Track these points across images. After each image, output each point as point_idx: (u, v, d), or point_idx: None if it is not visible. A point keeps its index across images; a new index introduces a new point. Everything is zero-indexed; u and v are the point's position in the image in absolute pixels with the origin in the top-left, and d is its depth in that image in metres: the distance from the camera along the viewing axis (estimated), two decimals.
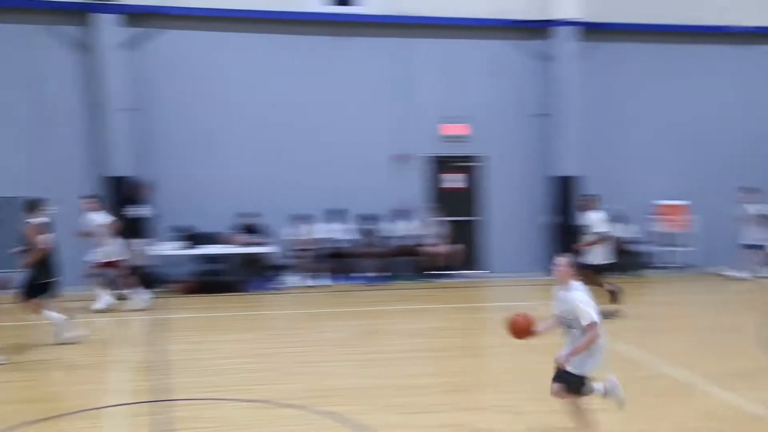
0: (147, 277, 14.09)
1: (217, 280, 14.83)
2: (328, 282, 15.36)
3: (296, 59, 15.79)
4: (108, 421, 7.61)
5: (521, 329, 6.63)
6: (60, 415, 7.71)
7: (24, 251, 10.55)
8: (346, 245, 15.68)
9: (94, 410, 7.88)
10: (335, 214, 15.65)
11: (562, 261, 6.51)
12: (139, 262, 13.83)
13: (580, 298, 6.32)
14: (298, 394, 8.35)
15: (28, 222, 10.46)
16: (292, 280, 15.23)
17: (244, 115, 15.61)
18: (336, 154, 15.95)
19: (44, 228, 10.45)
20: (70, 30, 14.65)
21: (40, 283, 10.47)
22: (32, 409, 7.96)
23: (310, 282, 15.24)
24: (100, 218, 12.91)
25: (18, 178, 14.50)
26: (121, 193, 14.16)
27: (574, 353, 6.33)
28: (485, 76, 16.67)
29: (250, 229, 15.02)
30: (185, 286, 14.57)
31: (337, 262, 15.68)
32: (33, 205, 10.42)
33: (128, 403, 8.08)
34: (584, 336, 6.27)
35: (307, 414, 7.79)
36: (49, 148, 14.71)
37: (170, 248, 14.47)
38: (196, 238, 14.62)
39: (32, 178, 14.55)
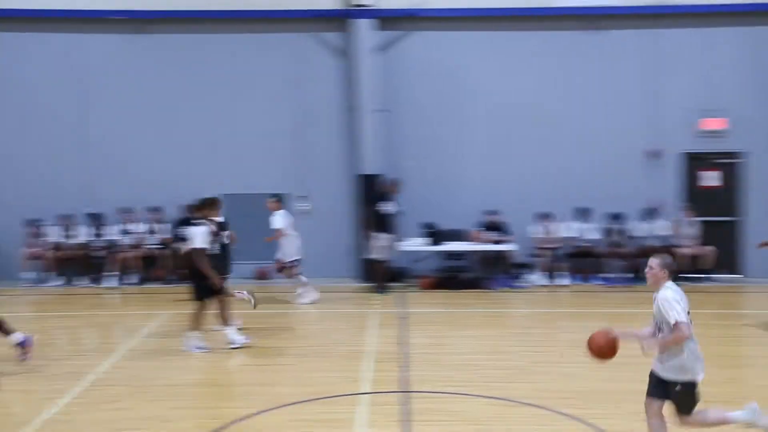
0: (391, 272, 14.69)
1: (459, 276, 15.09)
2: (567, 281, 15.08)
3: (538, 56, 15.65)
4: (353, 408, 8.06)
5: (603, 347, 6.31)
6: (311, 400, 8.30)
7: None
8: (590, 244, 15.30)
9: (341, 397, 8.39)
10: (580, 213, 15.32)
11: (654, 262, 6.38)
12: (384, 256, 14.44)
13: (665, 297, 6.17)
14: (537, 393, 8.32)
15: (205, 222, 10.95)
16: (533, 278, 15.14)
17: (489, 113, 15.74)
18: (583, 151, 15.61)
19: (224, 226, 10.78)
20: (331, 36, 15.59)
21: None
22: (286, 393, 8.62)
23: (550, 281, 15.07)
24: (281, 218, 13.42)
25: (279, 176, 15.72)
26: (372, 190, 14.84)
27: (657, 346, 6.14)
28: (745, 65, 15.49)
29: (493, 227, 15.12)
30: (428, 281, 14.98)
31: (579, 262, 15.36)
32: (205, 205, 10.51)
33: (371, 392, 8.51)
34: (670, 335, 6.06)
35: (547, 414, 7.75)
36: (308, 147, 15.76)
37: (414, 244, 14.95)
38: (440, 235, 14.97)
39: (292, 175, 15.72)
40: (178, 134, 15.60)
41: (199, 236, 10.05)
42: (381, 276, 14.47)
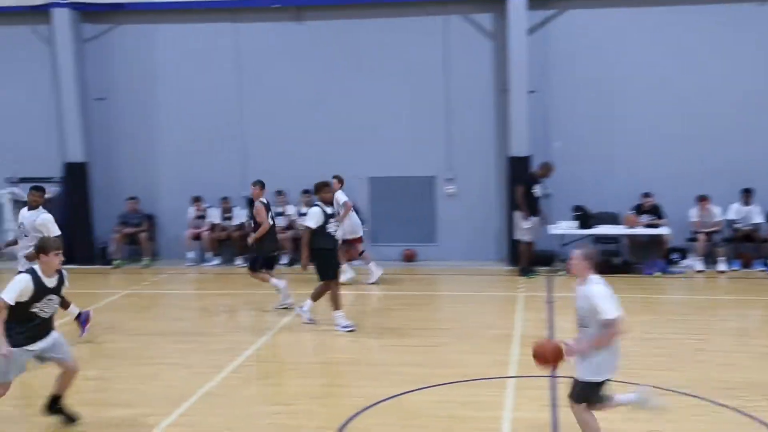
0: (538, 255, 14.44)
1: (611, 261, 14.62)
2: (725, 267, 14.25)
3: (692, 31, 14.81)
4: (501, 391, 8.01)
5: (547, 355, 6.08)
6: (458, 382, 8.30)
7: (253, 229, 11.87)
8: (752, 228, 14.41)
9: (489, 380, 8.35)
10: (742, 194, 14.44)
11: (575, 254, 6.14)
12: (531, 239, 14.22)
13: (596, 292, 5.87)
14: (695, 383, 7.97)
15: (257, 203, 11.74)
16: (689, 263, 14.45)
17: (642, 92, 15.09)
18: (745, 130, 14.71)
19: (268, 208, 11.73)
20: (482, 18, 15.43)
21: (265, 257, 11.81)
22: (432, 373, 8.67)
23: (708, 267, 14.31)
24: (342, 198, 13.38)
25: (427, 159, 15.77)
26: (521, 172, 14.63)
27: (589, 347, 5.85)
28: None
29: (648, 210, 14.53)
30: None
31: (739, 246, 14.50)
32: (319, 188, 10.79)
33: (519, 376, 8.41)
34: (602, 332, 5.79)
35: (706, 404, 7.42)
36: (457, 129, 15.69)
37: (564, 227, 14.61)
38: (590, 218, 14.55)
39: (440, 158, 15.73)
40: (330, 118, 15.92)
41: (312, 217, 10.42)
42: (526, 258, 14.26)
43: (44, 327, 6.88)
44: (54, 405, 7.23)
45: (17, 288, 6.61)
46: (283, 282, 11.87)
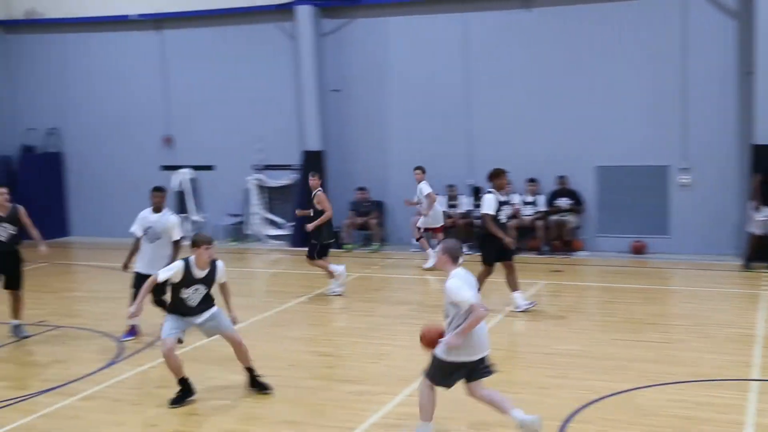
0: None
1: None
2: None
3: None
4: (743, 394, 7.52)
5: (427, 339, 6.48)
6: (693, 381, 7.90)
7: (313, 216, 12.16)
8: None
9: (729, 381, 7.87)
10: None
11: (439, 247, 6.54)
12: (764, 231, 13.27)
13: (450, 286, 6.23)
14: None
15: (317, 191, 12.24)
16: None
17: None
18: None
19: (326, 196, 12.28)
20: None
21: (323, 244, 12.15)
22: (664, 371, 8.30)
23: None
24: (426, 189, 14.17)
25: (660, 147, 15.06)
26: (764, 161, 13.61)
27: (459, 335, 6.14)
28: None
29: None
30: None
31: None
32: (494, 174, 10.84)
33: (763, 380, 7.86)
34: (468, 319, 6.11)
35: None
36: (693, 116, 14.83)
37: None
38: None
39: (674, 146, 14.96)
40: (556, 106, 15.66)
41: (487, 203, 10.62)
42: (753, 251, 13.36)
43: (196, 308, 7.69)
44: (253, 380, 7.89)
45: (170, 270, 7.59)
46: (341, 267, 12.20)
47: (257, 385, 7.89)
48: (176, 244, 9.59)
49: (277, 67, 17.32)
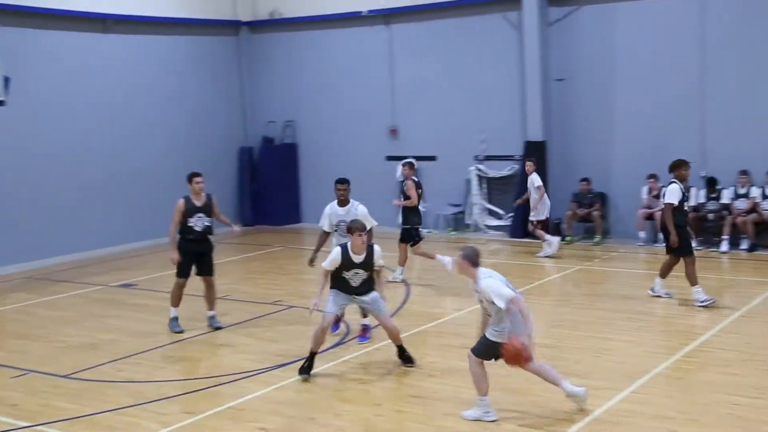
0: None
1: None
2: None
3: None
4: None
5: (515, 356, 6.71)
6: None
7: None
8: None
9: None
10: None
11: (458, 255, 7.06)
12: None
13: (487, 285, 6.76)
14: None
15: (409, 180, 13.02)
16: None
17: None
18: None
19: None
20: None
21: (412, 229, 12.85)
22: None
23: None
24: (537, 181, 14.61)
25: None
26: None
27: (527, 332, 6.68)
28: None
29: None
30: None
31: None
32: (675, 165, 10.81)
33: None
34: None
35: None
36: None
37: None
38: None
39: None
40: None
41: (668, 193, 10.66)
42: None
43: (358, 289, 8.34)
44: (401, 354, 8.55)
45: (330, 258, 8.29)
46: (449, 258, 12.40)
47: (405, 359, 8.54)
48: (369, 233, 9.20)
49: (501, 58, 17.29)
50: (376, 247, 8.37)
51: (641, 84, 15.99)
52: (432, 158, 18.37)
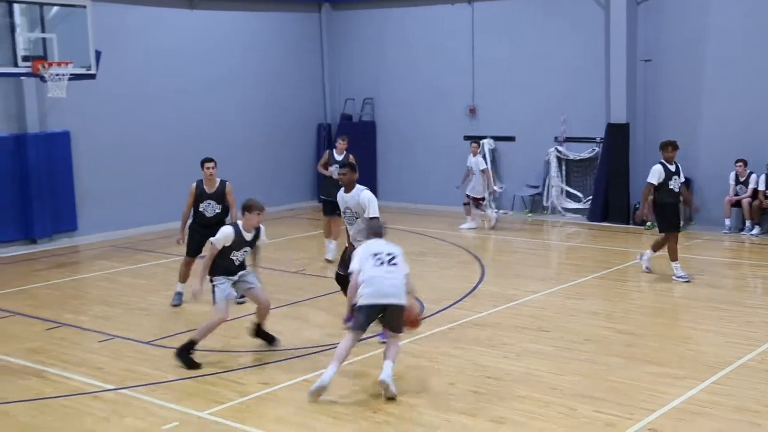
0: None
1: None
2: None
3: None
4: None
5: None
6: None
7: None
8: None
9: None
10: None
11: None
12: None
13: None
14: None
15: None
16: None
17: None
18: None
19: None
20: None
21: None
22: None
23: None
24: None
25: None
26: None
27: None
28: None
29: None
30: None
31: None
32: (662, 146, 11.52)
33: None
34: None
35: None
36: None
37: None
38: None
39: None
40: None
41: (650, 174, 11.46)
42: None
43: (240, 267, 8.28)
44: (259, 331, 8.60)
45: (223, 235, 8.08)
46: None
47: (264, 336, 8.62)
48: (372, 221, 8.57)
49: (586, 36, 16.89)
50: (262, 227, 8.36)
51: (732, 66, 15.42)
52: (510, 138, 18.16)
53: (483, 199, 16.17)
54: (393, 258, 7.38)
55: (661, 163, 11.41)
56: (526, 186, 18.00)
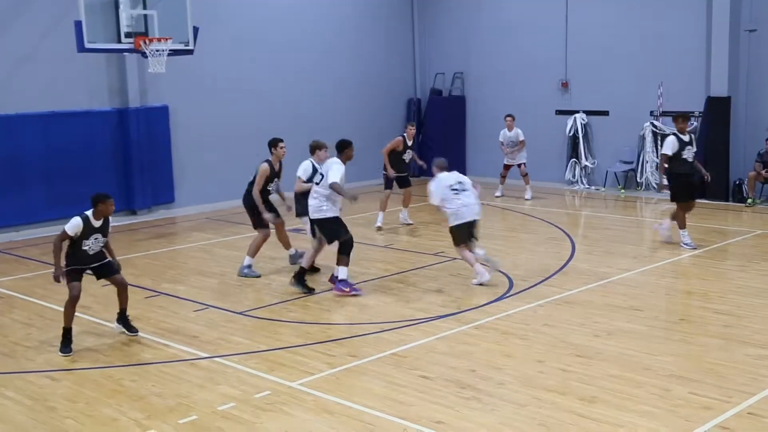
0: None
1: None
2: None
3: None
4: None
5: None
6: None
7: None
8: None
9: None
10: None
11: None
12: None
13: None
14: None
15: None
16: None
17: None
18: None
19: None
20: None
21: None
22: None
23: None
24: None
25: None
26: None
27: None
28: None
29: None
30: None
31: None
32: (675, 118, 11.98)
33: None
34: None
35: None
36: None
37: None
38: None
39: None
40: None
41: (664, 145, 11.86)
42: None
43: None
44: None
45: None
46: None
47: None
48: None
49: (685, 4, 16.27)
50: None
51: None
52: (604, 113, 17.73)
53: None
54: (463, 185, 10.07)
55: (674, 134, 11.71)
56: (619, 162, 17.56)
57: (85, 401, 6.81)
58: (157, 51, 12.59)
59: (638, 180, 17.30)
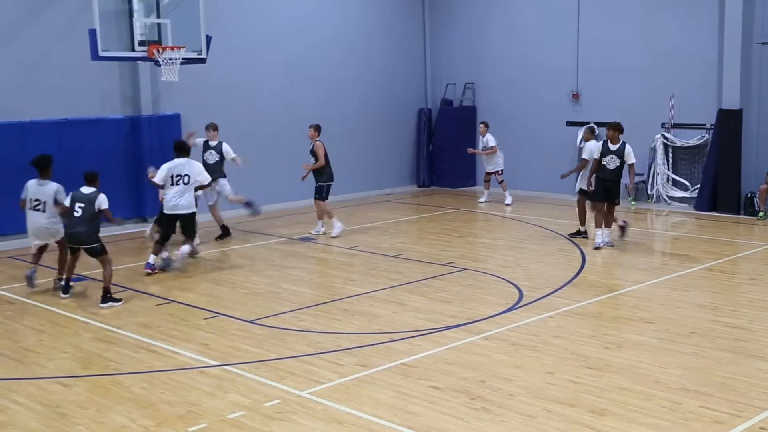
0: None
1: None
2: None
3: None
4: None
5: None
6: None
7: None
8: None
9: None
10: None
11: None
12: None
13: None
14: None
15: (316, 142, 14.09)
16: None
17: None
18: None
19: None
20: None
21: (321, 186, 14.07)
22: None
23: None
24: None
25: None
26: None
27: None
28: None
29: None
30: None
31: None
32: None
33: None
34: None
35: None
36: None
37: None
38: None
39: None
40: None
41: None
42: None
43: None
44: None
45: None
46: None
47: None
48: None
49: (698, 16, 16.26)
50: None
51: None
52: None
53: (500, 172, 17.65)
54: None
55: (604, 141, 12.88)
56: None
57: (96, 408, 6.84)
58: (170, 59, 12.66)
59: (649, 192, 17.25)
